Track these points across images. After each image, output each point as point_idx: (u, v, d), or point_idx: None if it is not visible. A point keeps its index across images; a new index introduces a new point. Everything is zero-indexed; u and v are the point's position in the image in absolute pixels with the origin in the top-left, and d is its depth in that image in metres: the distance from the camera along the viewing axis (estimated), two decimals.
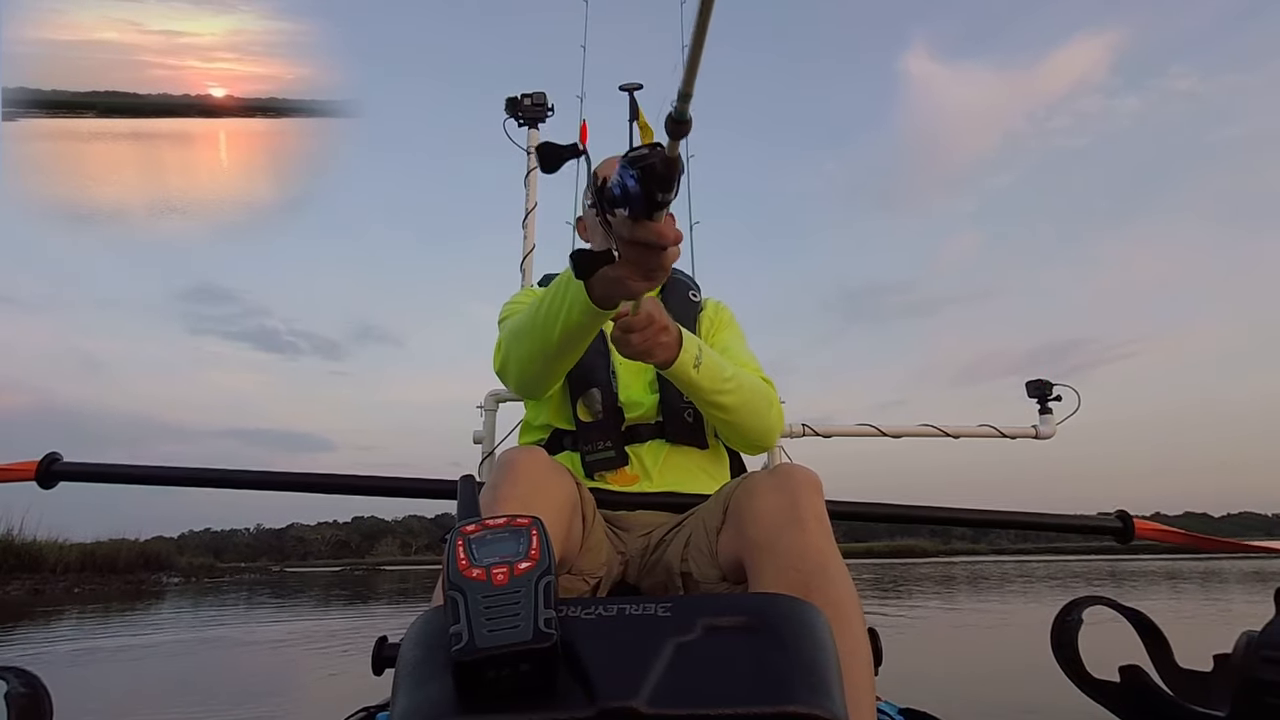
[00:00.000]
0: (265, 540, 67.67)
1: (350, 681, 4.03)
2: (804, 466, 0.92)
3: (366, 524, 66.34)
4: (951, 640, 5.80)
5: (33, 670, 0.70)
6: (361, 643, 5.68)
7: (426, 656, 0.51)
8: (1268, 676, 0.66)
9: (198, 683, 4.41)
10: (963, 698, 3.32)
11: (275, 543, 66.51)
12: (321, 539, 64.59)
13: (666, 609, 0.54)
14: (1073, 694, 0.86)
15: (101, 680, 4.48)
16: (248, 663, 5.35)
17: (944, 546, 49.17)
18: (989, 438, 2.25)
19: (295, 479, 1.39)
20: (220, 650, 5.93)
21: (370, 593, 14.03)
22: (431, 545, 63.51)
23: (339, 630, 7.11)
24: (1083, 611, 0.87)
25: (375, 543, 63.29)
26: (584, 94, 2.57)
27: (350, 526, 66.42)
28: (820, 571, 0.77)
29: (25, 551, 15.04)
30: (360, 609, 9.88)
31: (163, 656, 5.53)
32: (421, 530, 66.50)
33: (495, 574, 0.50)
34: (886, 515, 1.41)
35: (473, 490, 0.63)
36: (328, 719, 1.18)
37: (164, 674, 4.79)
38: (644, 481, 1.23)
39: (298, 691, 4.21)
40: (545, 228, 2.21)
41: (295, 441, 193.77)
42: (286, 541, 66.35)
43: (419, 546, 62.36)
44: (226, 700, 3.77)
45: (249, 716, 3.43)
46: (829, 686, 0.49)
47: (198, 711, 3.53)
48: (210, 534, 60.66)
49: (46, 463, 1.30)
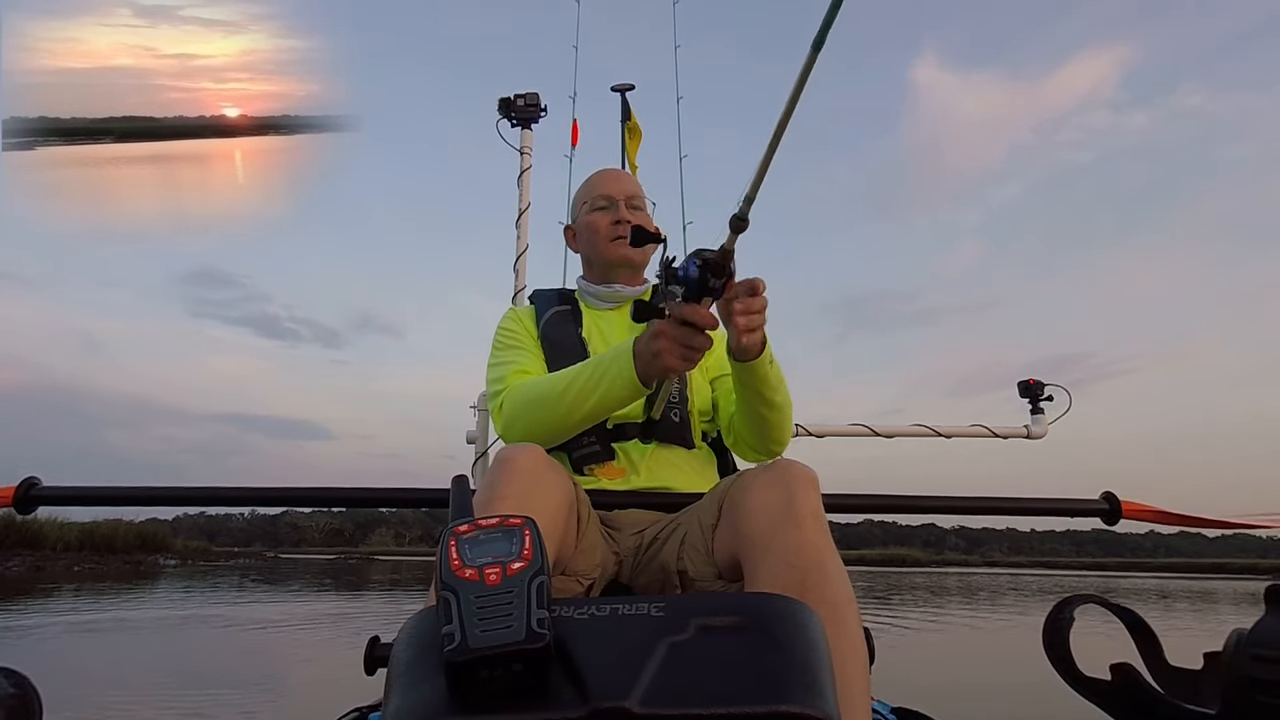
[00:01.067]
0: (259, 526, 67.64)
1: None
2: (801, 462, 0.91)
3: (361, 513, 66.38)
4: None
5: (21, 670, 0.69)
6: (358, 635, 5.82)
7: (419, 657, 0.51)
8: (1258, 674, 0.67)
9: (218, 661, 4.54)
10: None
11: (269, 528, 66.49)
12: (315, 526, 64.60)
13: (660, 609, 0.54)
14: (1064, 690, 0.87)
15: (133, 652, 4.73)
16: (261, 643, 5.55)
17: (936, 556, 49.58)
18: (981, 437, 2.26)
19: (282, 494, 1.37)
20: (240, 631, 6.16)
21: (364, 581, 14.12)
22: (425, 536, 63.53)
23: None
24: (1074, 610, 0.87)
25: (369, 532, 63.37)
26: (576, 94, 2.56)
27: (345, 515, 66.48)
28: (817, 569, 0.76)
29: (26, 529, 15.18)
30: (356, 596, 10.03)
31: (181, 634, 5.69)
32: (415, 521, 66.63)
33: (488, 574, 0.50)
34: (878, 506, 1.41)
35: (465, 491, 0.63)
36: (320, 719, 1.19)
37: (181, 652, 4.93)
38: (631, 476, 1.23)
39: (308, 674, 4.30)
40: (542, 228, 2.21)
41: (294, 429, 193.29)
42: (280, 528, 66.34)
43: (412, 537, 62.46)
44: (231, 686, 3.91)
45: (248, 716, 3.45)
46: (821, 686, 0.49)
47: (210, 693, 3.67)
48: (205, 518, 60.61)
49: (24, 488, 1.28)
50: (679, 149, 2.78)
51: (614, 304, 1.42)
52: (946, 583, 17.87)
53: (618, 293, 1.41)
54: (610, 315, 1.42)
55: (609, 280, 1.42)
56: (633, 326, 1.36)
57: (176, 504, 1.39)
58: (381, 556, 38.53)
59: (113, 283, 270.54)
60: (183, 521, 34.02)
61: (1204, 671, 0.79)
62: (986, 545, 54.37)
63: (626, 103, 2.70)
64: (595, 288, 1.42)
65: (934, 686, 3.95)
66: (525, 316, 1.41)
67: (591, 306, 1.43)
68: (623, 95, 2.71)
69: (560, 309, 1.40)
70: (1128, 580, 21.80)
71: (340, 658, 4.80)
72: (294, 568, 21.79)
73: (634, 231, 1.07)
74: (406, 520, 65.80)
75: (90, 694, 3.61)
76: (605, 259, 1.40)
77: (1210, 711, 0.71)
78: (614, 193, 1.41)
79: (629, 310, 1.39)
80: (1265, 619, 0.69)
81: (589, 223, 1.42)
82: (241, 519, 68.62)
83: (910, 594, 13.44)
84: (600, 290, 1.42)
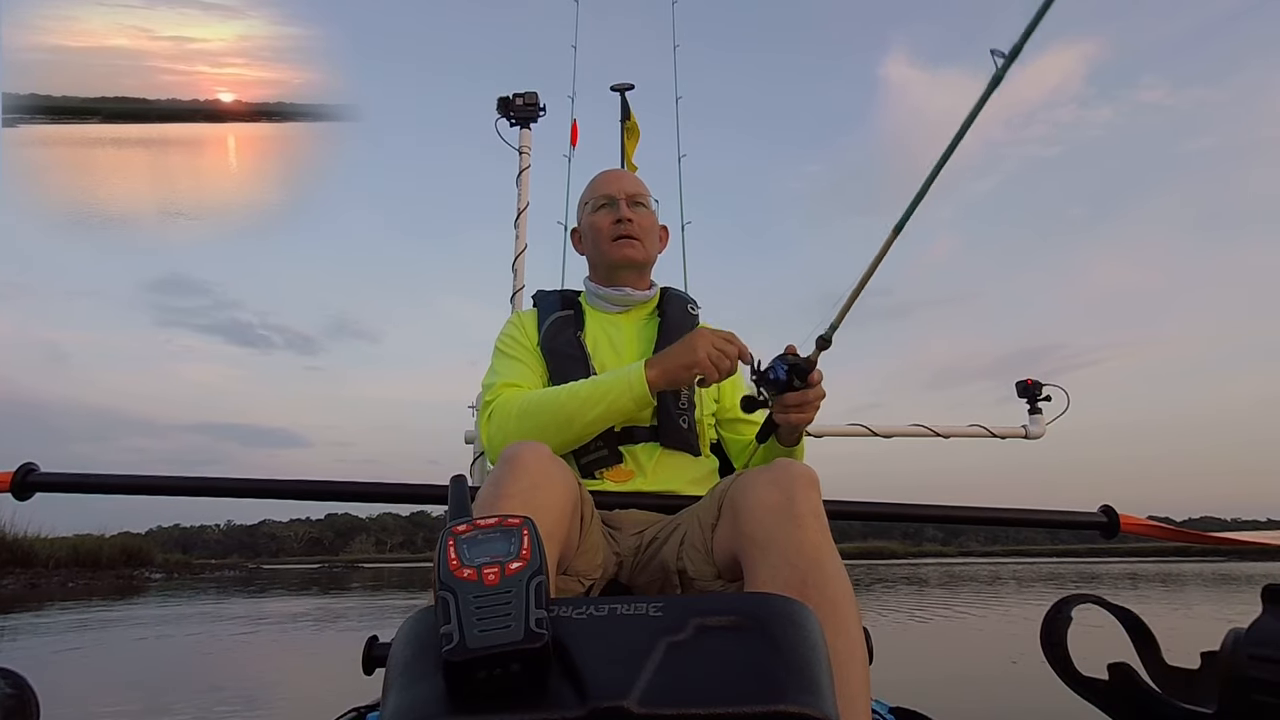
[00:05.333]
0: (236, 537, 66.60)
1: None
2: (801, 462, 0.91)
3: (340, 521, 65.59)
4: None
5: (19, 671, 0.69)
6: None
7: (417, 656, 0.51)
8: (1255, 674, 0.67)
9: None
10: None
11: (247, 539, 65.48)
12: (294, 536, 63.72)
13: (658, 609, 0.54)
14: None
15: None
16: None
17: (914, 549, 49.80)
18: (979, 438, 2.27)
19: (283, 486, 1.36)
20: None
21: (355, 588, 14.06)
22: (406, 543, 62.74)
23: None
24: (1072, 610, 0.87)
25: (349, 540, 62.58)
26: (575, 94, 2.57)
27: (324, 523, 65.65)
28: (817, 568, 0.76)
29: (18, 547, 15.19)
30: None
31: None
32: (396, 528, 65.93)
33: (486, 574, 0.50)
34: (881, 514, 1.41)
35: (464, 491, 0.63)
36: (317, 719, 1.18)
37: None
38: (639, 479, 1.23)
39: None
40: (541, 228, 2.21)
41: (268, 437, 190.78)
42: (258, 538, 65.36)
43: (393, 544, 61.75)
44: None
45: (246, 714, 3.45)
46: (820, 686, 0.49)
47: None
48: (179, 530, 59.62)
49: (22, 473, 1.25)
50: (678, 149, 2.79)
51: (623, 308, 1.41)
52: (924, 573, 18.03)
53: (628, 296, 1.40)
54: (618, 319, 1.40)
55: (614, 282, 1.40)
56: (641, 332, 1.38)
57: (177, 493, 1.36)
58: (364, 564, 38.17)
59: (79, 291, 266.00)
60: (157, 534, 33.50)
61: (1201, 671, 0.79)
62: (964, 536, 54.83)
63: (626, 102, 2.71)
64: (603, 290, 1.40)
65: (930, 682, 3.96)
66: (529, 322, 1.39)
67: (598, 310, 1.41)
68: (622, 95, 2.72)
69: (562, 314, 1.39)
70: (1102, 566, 22.13)
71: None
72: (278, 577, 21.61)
73: (743, 401, 1.19)
74: (388, 527, 65.16)
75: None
76: (607, 259, 1.39)
77: (1208, 711, 0.71)
78: (614, 191, 1.40)
79: (638, 314, 1.41)
80: (1262, 619, 0.69)
81: (591, 223, 1.41)
82: (217, 530, 67.60)
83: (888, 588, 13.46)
84: (609, 293, 1.40)
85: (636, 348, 1.36)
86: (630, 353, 1.35)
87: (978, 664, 4.48)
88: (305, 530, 64.24)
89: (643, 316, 1.42)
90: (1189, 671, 0.80)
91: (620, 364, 1.32)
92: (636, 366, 1.16)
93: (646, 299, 1.42)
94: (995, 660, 4.51)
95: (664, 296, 1.45)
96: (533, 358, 1.33)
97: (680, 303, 1.44)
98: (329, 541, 62.82)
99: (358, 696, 1.09)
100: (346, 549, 59.12)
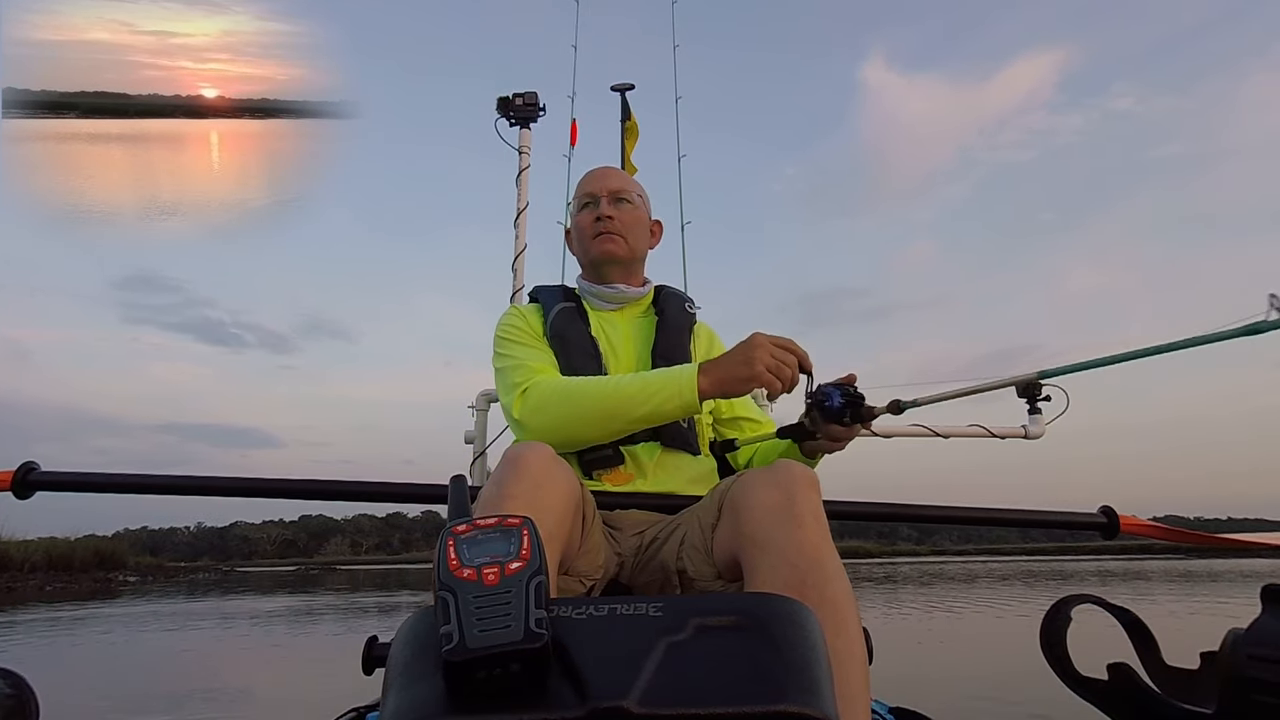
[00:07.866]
0: (206, 539, 65.52)
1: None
2: (801, 463, 0.91)
3: (314, 523, 64.70)
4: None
5: (19, 671, 0.69)
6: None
7: (417, 656, 0.51)
8: (1254, 674, 0.67)
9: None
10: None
11: (218, 542, 64.43)
12: (267, 538, 62.77)
13: (658, 609, 0.54)
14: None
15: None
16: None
17: (888, 548, 50.25)
18: (979, 438, 2.29)
19: (284, 485, 1.35)
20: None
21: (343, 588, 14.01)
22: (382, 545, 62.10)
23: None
24: (1071, 610, 0.88)
25: (324, 542, 61.76)
26: (575, 94, 2.56)
27: (297, 525, 64.73)
28: (817, 569, 0.76)
29: None
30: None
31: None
32: (372, 529, 65.25)
33: (486, 574, 0.50)
34: (881, 515, 1.41)
35: (464, 491, 0.63)
36: (317, 719, 1.17)
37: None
38: (639, 480, 1.23)
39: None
40: (540, 228, 2.19)
41: (238, 437, 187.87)
42: (230, 540, 64.31)
43: (369, 546, 61.08)
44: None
45: (246, 713, 3.47)
46: (820, 686, 0.49)
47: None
48: (147, 532, 58.48)
49: (22, 472, 1.24)
50: (678, 149, 2.78)
51: (617, 305, 1.41)
52: (903, 571, 18.30)
53: (621, 293, 1.39)
54: (613, 316, 1.40)
55: (602, 279, 1.40)
56: (638, 330, 1.38)
57: (176, 492, 1.35)
58: (340, 566, 37.78)
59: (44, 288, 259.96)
60: (124, 536, 32.90)
61: (1200, 671, 0.79)
62: (937, 535, 55.44)
63: (626, 102, 2.71)
64: (597, 288, 1.40)
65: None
66: (530, 313, 1.38)
67: (594, 307, 1.41)
68: (622, 95, 2.72)
69: (566, 305, 1.38)
70: (1074, 564, 22.54)
71: None
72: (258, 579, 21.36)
73: (780, 430, 1.24)
74: (363, 529, 64.44)
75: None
76: (590, 256, 1.39)
77: (1207, 711, 0.72)
78: (597, 190, 1.40)
79: (633, 311, 1.41)
80: (1261, 619, 0.70)
81: (576, 222, 1.42)
82: (187, 531, 66.51)
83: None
84: (603, 290, 1.39)
85: (633, 346, 1.36)
86: (627, 350, 1.35)
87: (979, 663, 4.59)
88: (279, 532, 63.30)
89: (638, 314, 1.42)
90: (1188, 671, 0.81)
91: (618, 362, 1.33)
92: (689, 371, 1.11)
93: (640, 296, 1.42)
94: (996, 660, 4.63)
95: (660, 294, 1.45)
96: (542, 344, 1.32)
97: (677, 301, 1.44)
98: (303, 543, 61.97)
99: (358, 696, 1.09)
100: (321, 551, 58.34)
